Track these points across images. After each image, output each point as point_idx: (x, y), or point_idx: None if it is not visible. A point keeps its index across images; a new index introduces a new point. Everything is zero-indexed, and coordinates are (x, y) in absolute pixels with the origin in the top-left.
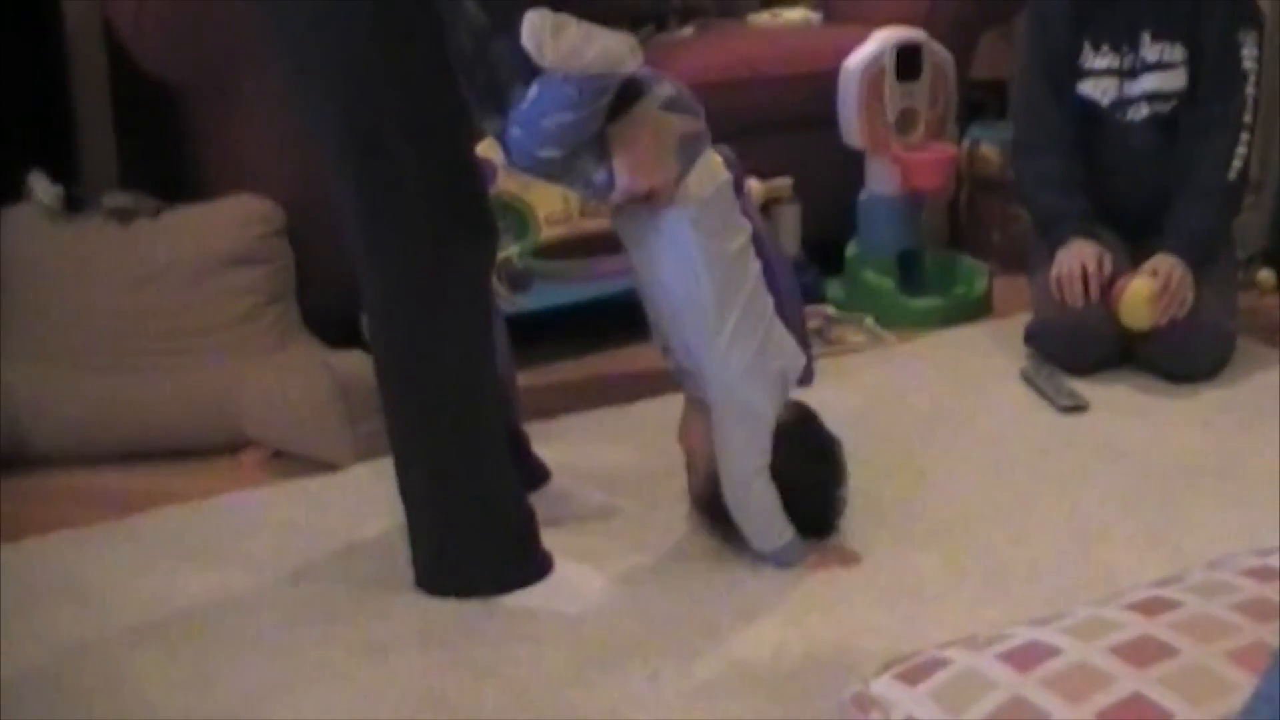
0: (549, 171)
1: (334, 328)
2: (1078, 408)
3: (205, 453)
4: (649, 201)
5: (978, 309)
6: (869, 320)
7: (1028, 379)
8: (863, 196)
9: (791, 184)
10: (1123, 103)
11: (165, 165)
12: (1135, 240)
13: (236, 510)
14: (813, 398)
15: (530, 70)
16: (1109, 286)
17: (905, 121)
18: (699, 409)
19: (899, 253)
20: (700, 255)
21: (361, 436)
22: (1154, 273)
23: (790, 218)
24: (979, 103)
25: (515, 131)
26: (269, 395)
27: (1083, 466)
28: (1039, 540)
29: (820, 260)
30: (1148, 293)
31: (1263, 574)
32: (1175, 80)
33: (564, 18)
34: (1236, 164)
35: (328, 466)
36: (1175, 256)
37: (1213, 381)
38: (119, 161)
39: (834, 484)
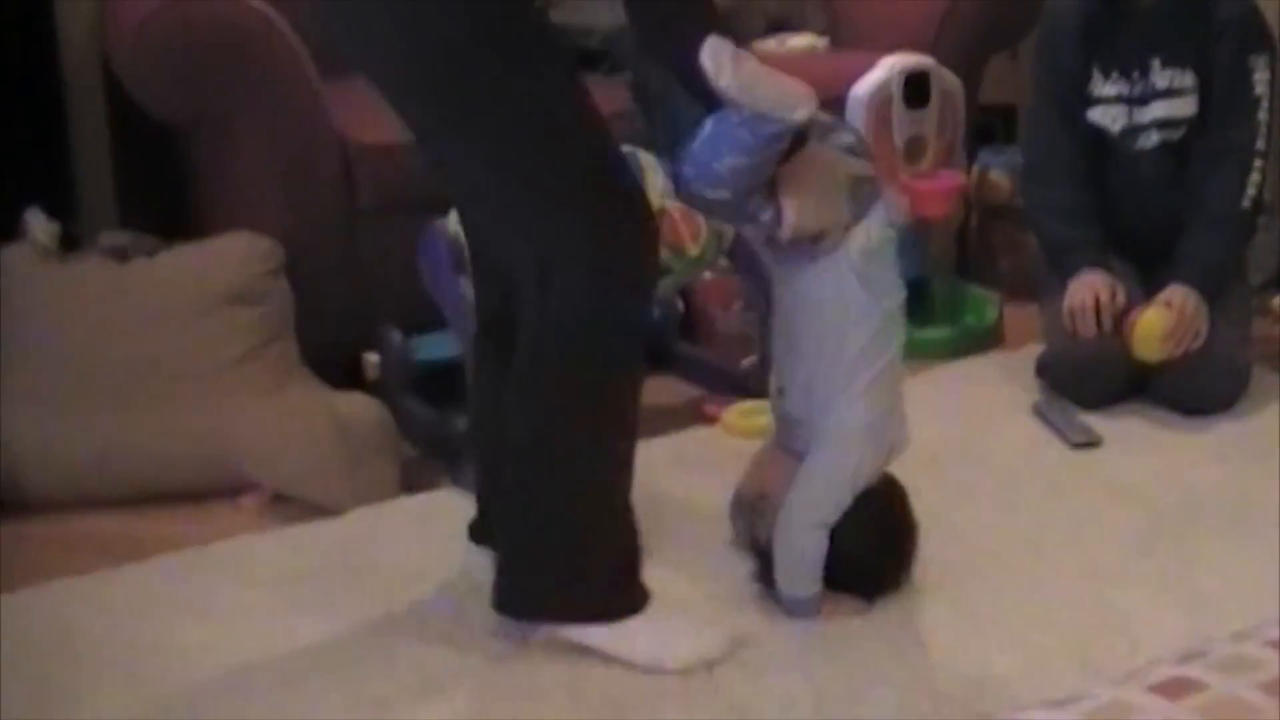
0: (717, 211)
1: (334, 366)
2: (1090, 444)
3: (204, 496)
4: (815, 243)
5: (988, 339)
6: None
7: (1040, 413)
8: None
9: None
10: (1133, 130)
11: (165, 202)
12: (1148, 269)
13: (233, 558)
14: None
15: (703, 111)
16: (1121, 318)
17: (913, 149)
18: (782, 456)
19: (906, 282)
20: (855, 306)
21: (362, 480)
22: (1167, 304)
23: None
24: (988, 128)
25: (687, 170)
26: (268, 437)
27: (1096, 505)
28: (1052, 584)
29: None
30: (1161, 325)
31: None
32: (1185, 107)
33: (746, 53)
34: (1250, 191)
35: (328, 510)
36: (1188, 287)
37: (1227, 414)
38: (118, 198)
39: (892, 568)
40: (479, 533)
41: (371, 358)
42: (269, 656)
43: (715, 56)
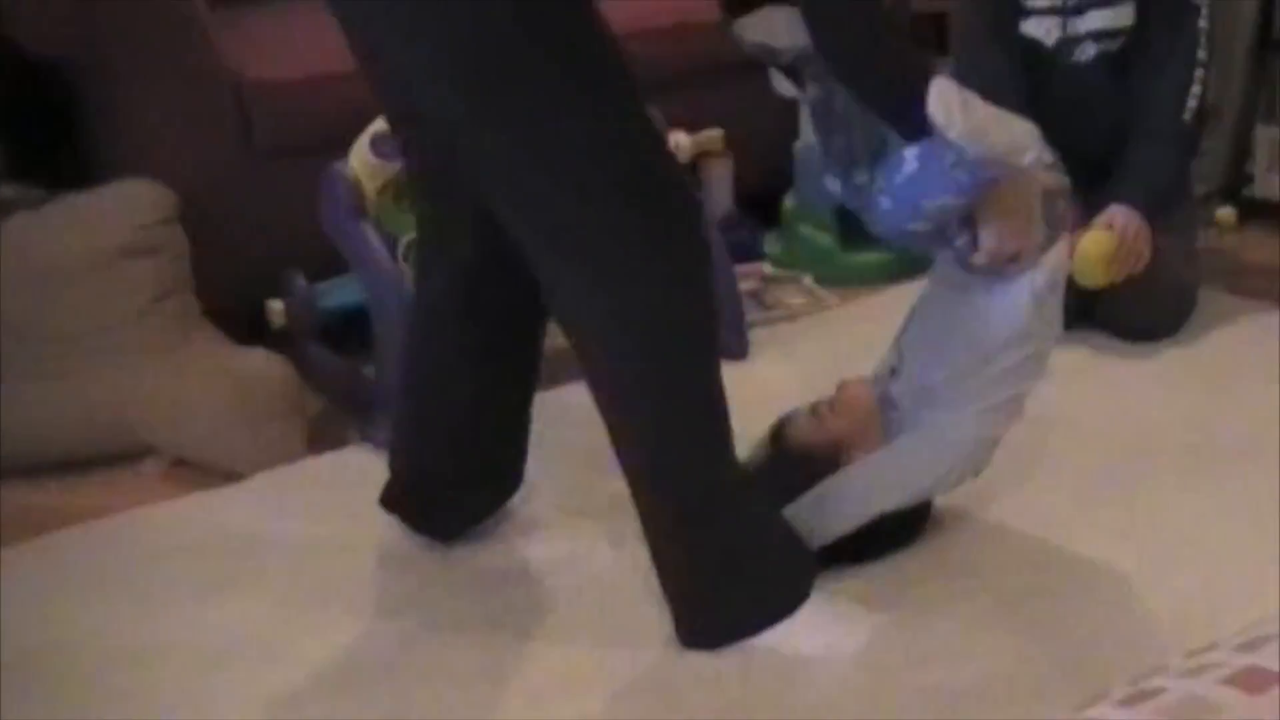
0: (907, 239)
1: (237, 317)
2: None
3: (102, 463)
4: (1011, 264)
5: (924, 261)
6: (808, 279)
7: None
8: (798, 146)
9: (723, 136)
10: (1068, 42)
11: (57, 152)
12: (1089, 189)
13: (133, 532)
14: (749, 373)
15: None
16: None
17: None
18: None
19: (838, 205)
20: (1018, 330)
21: (265, 441)
22: (1108, 226)
23: (722, 172)
24: (920, 39)
25: (885, 203)
26: (167, 399)
27: (1040, 444)
28: (996, 534)
29: (757, 215)
30: (1102, 249)
31: (1250, 682)
32: (1122, 17)
33: (971, 94)
34: (1191, 104)
35: (232, 475)
36: (1130, 207)
37: (1174, 339)
38: (6, 149)
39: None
40: (392, 500)
41: (276, 305)
42: (171, 643)
43: (944, 102)
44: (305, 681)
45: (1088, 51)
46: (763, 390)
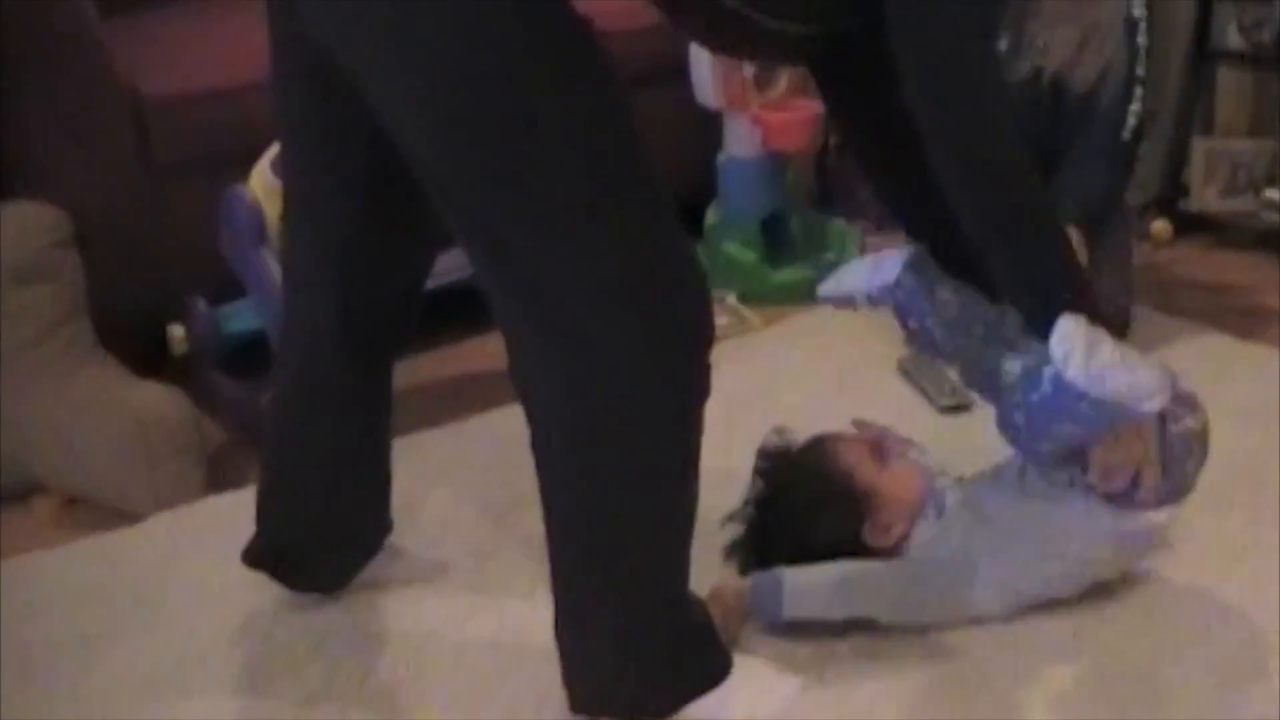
0: (1038, 458)
1: (136, 344)
2: (959, 407)
3: None
4: (1123, 490)
5: None
6: (731, 298)
7: (905, 372)
8: (721, 159)
9: None
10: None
11: None
12: None
13: (20, 579)
14: None
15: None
16: None
17: (763, 78)
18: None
19: (762, 219)
20: (1095, 558)
21: (163, 480)
22: None
23: None
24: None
25: (1019, 419)
26: (59, 434)
27: None
28: None
29: None
30: None
31: None
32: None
33: (1101, 334)
34: (1130, 121)
35: (128, 515)
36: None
37: None
38: None
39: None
40: (257, 557)
41: (177, 331)
42: (51, 701)
43: (1065, 344)
44: None
45: (1023, 67)
46: None
